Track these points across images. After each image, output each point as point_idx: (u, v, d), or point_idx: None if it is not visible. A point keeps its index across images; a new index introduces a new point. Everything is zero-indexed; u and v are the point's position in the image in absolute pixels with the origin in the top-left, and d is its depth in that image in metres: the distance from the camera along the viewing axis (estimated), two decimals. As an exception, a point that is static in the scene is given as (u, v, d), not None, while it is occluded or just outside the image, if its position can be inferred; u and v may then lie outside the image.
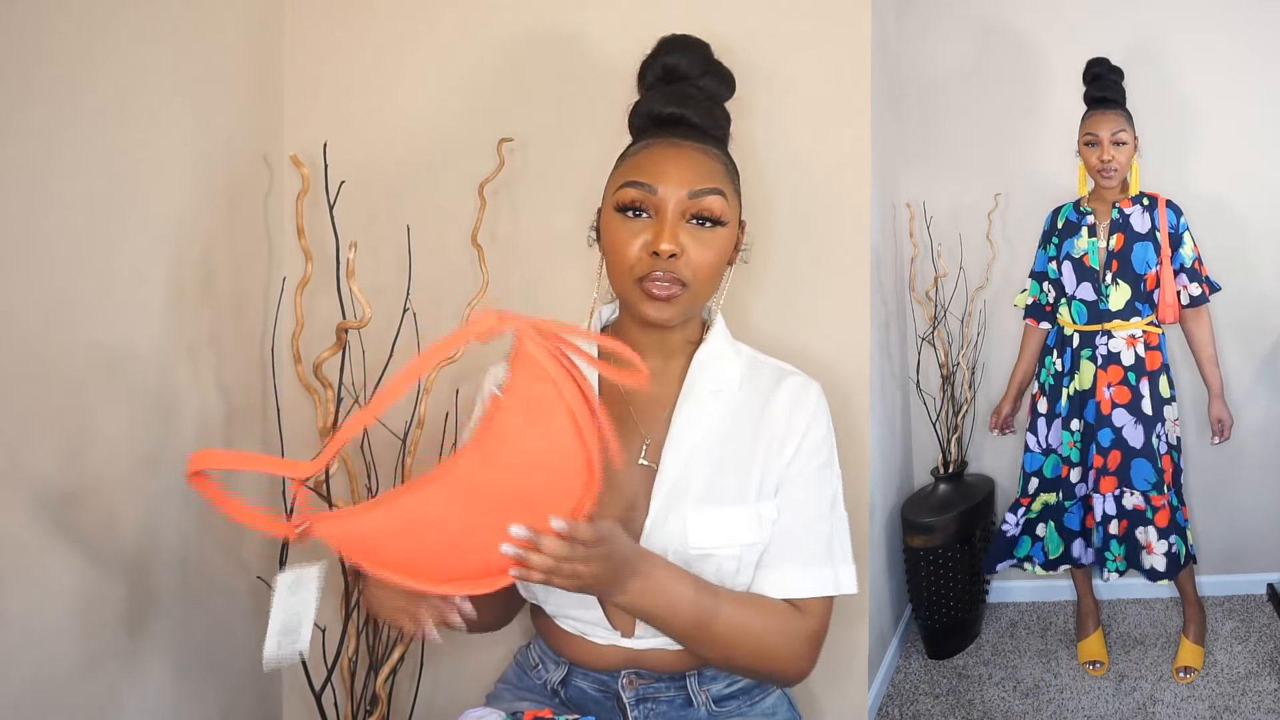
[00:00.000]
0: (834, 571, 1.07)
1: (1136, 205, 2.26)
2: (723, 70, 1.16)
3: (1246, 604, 2.79)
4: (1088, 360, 2.28)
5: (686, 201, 1.02)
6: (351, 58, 1.40)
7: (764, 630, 1.03)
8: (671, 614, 0.98)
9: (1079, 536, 2.34)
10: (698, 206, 1.02)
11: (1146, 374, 2.24)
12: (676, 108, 1.09)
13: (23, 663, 0.95)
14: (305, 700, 1.42)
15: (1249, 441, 2.76)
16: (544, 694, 1.15)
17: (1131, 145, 2.26)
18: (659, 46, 1.14)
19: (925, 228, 2.70)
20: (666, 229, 1.01)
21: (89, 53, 1.02)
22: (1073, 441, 2.31)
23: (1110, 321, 2.26)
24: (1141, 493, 2.24)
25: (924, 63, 2.72)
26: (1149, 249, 2.24)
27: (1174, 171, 2.45)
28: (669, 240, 1.00)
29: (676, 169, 1.03)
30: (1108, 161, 2.24)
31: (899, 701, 2.37)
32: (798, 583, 1.05)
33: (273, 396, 1.37)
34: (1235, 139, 2.67)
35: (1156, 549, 2.24)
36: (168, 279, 1.17)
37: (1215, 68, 2.59)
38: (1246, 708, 2.28)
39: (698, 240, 1.03)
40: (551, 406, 0.85)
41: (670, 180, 1.02)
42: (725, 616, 1.00)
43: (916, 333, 2.72)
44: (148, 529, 1.14)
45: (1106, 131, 2.25)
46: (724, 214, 1.04)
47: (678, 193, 1.02)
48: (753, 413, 1.09)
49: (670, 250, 1.00)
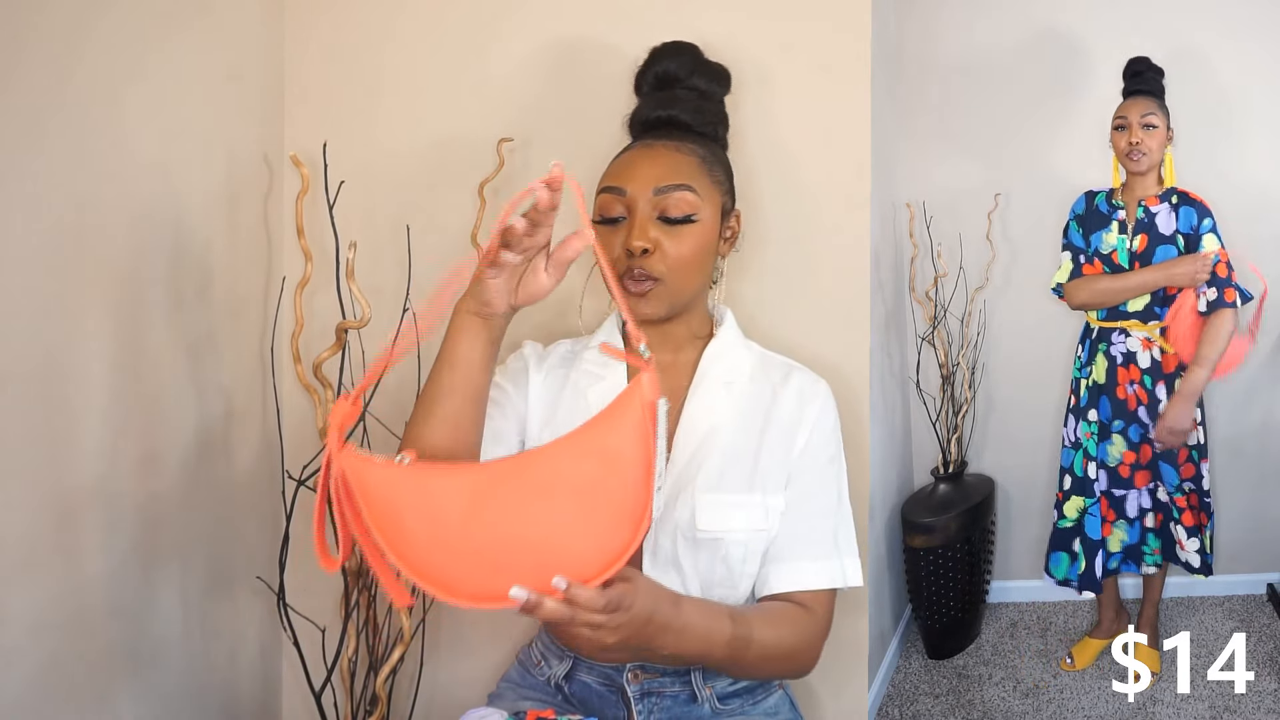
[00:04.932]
0: (841, 564, 1.09)
1: (1164, 204, 2.19)
2: (713, 68, 1.21)
3: (1246, 604, 2.79)
4: (1103, 355, 2.27)
5: (654, 199, 1.06)
6: (351, 58, 1.40)
7: (792, 643, 1.05)
8: (708, 652, 0.98)
9: (1100, 547, 2.31)
10: (663, 204, 1.06)
11: (1163, 377, 2.21)
12: (664, 110, 1.14)
13: (23, 662, 0.95)
14: (305, 700, 1.42)
15: (1249, 441, 2.76)
16: (547, 691, 1.15)
17: (1163, 132, 2.19)
18: (651, 56, 1.20)
19: (925, 228, 2.70)
20: (636, 227, 1.05)
21: (89, 53, 1.02)
22: (1089, 433, 2.30)
23: (1128, 320, 2.24)
24: (1167, 491, 2.25)
25: (925, 62, 2.72)
26: (1171, 252, 2.18)
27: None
28: (639, 237, 1.04)
29: (643, 168, 1.07)
30: (1136, 144, 2.18)
31: (899, 701, 2.37)
32: (808, 576, 1.07)
33: (273, 396, 1.37)
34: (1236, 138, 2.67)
35: (1188, 546, 2.25)
36: (168, 279, 1.17)
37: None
38: (1246, 708, 2.28)
39: (670, 235, 1.06)
40: (634, 458, 0.84)
41: (637, 180, 1.06)
42: (758, 640, 1.01)
43: (916, 333, 2.72)
44: (148, 529, 1.14)
45: (1136, 114, 2.20)
46: (693, 209, 1.06)
47: (645, 191, 1.06)
48: (762, 405, 1.11)
49: (641, 246, 1.04)
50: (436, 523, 0.84)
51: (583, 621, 0.83)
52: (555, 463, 0.85)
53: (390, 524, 0.84)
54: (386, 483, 0.84)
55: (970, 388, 2.74)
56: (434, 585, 0.84)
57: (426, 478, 0.85)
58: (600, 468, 0.84)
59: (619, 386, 1.11)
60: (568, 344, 1.19)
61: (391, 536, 0.84)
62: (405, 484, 0.84)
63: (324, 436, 1.26)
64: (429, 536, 0.84)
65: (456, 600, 0.84)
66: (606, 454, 0.84)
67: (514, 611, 0.83)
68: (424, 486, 0.84)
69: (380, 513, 0.84)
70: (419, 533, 0.84)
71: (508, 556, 0.84)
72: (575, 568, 0.84)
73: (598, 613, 0.83)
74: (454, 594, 0.84)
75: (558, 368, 1.15)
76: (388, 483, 0.84)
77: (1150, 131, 2.19)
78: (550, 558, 0.84)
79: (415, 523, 0.84)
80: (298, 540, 1.31)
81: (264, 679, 1.42)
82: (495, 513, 0.83)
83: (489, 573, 0.85)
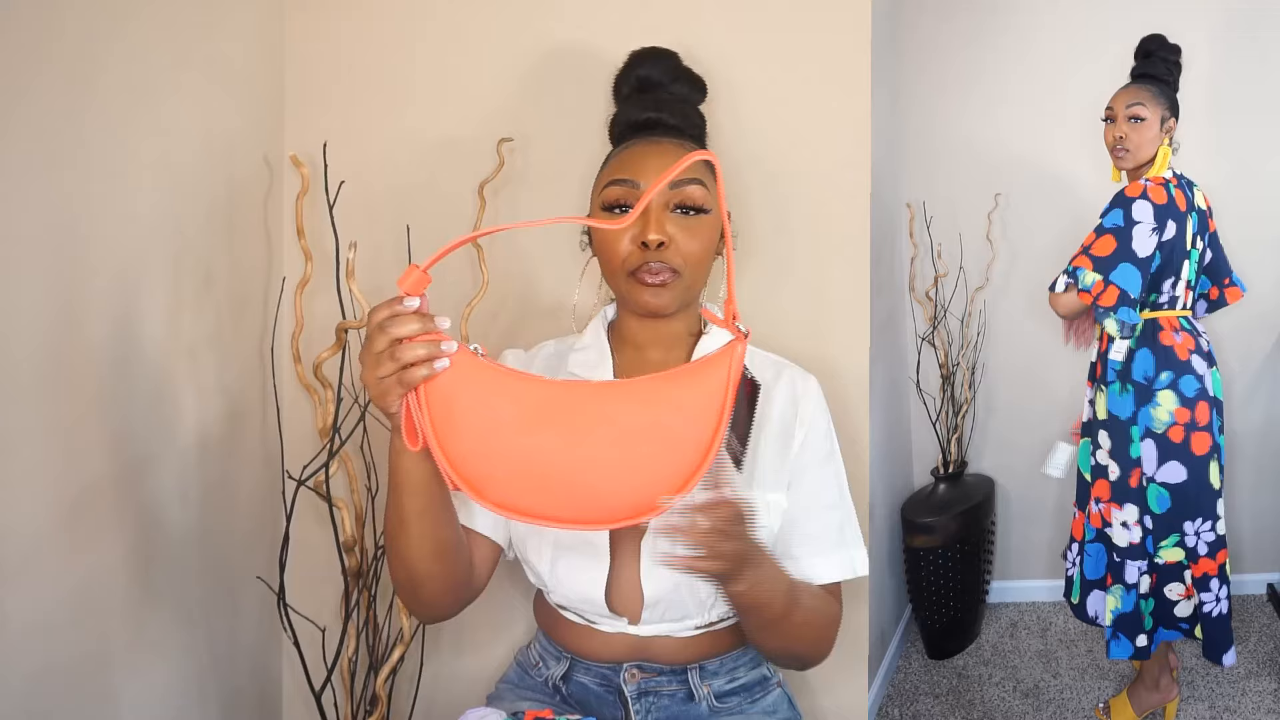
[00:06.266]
0: (850, 555, 1.10)
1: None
2: (692, 76, 1.21)
3: (1246, 604, 2.79)
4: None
5: (669, 192, 1.05)
6: (352, 58, 1.40)
7: (823, 619, 1.06)
8: (770, 602, 0.98)
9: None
10: (680, 196, 1.05)
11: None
12: (652, 113, 1.14)
13: (23, 662, 0.95)
14: (305, 700, 1.42)
15: (1249, 442, 2.76)
16: (545, 692, 1.15)
17: (1153, 125, 2.04)
18: (630, 60, 1.20)
19: (925, 228, 2.70)
20: (653, 220, 1.04)
21: (88, 53, 1.02)
22: None
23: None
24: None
25: (925, 62, 2.73)
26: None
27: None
28: (656, 230, 1.03)
29: (657, 162, 1.06)
30: (1120, 139, 2.06)
31: (899, 701, 2.37)
32: (826, 569, 1.09)
33: (273, 396, 1.37)
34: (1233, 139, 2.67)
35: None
36: (168, 279, 1.17)
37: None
38: (1246, 708, 2.28)
39: (683, 229, 1.05)
40: (701, 419, 0.85)
41: (651, 173, 1.05)
42: (803, 604, 1.02)
43: (916, 333, 2.72)
44: (148, 529, 1.14)
45: (1121, 105, 2.06)
46: (705, 202, 1.06)
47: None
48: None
49: (659, 239, 1.03)
50: (487, 423, 0.85)
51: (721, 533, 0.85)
52: (621, 403, 0.85)
53: (442, 407, 0.85)
54: (453, 367, 0.85)
55: (970, 388, 2.74)
56: (465, 480, 0.86)
57: (492, 377, 0.86)
58: (666, 418, 0.85)
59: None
60: (552, 345, 1.19)
61: (440, 420, 0.85)
62: (469, 375, 0.85)
63: (324, 436, 1.26)
64: (476, 433, 0.85)
65: (482, 500, 0.86)
66: (677, 407, 0.85)
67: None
68: (486, 384, 0.85)
69: (436, 393, 0.85)
70: (468, 426, 0.85)
71: (545, 477, 0.85)
72: (613, 504, 0.85)
73: (730, 518, 0.85)
74: (481, 494, 0.86)
75: (543, 374, 1.15)
76: (454, 367, 0.85)
77: (1136, 125, 2.04)
78: (585, 492, 0.85)
79: (466, 415, 0.85)
80: (298, 540, 1.31)
81: (264, 679, 1.42)
82: (547, 433, 0.85)
83: (522, 487, 0.86)
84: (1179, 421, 2.02)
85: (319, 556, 1.38)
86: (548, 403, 0.85)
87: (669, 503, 0.83)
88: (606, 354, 1.13)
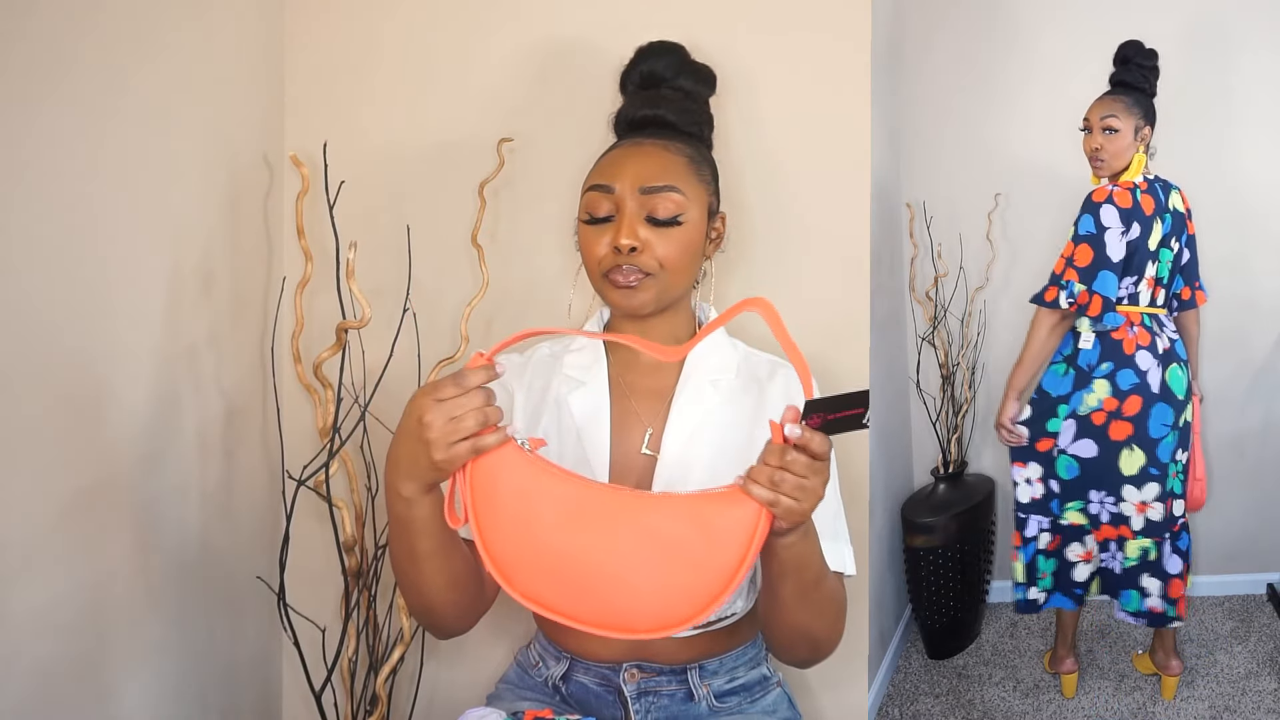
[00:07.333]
0: (841, 550, 1.10)
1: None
2: (700, 69, 1.21)
3: (1246, 604, 2.79)
4: None
5: (641, 198, 1.06)
6: (351, 58, 1.40)
7: (841, 595, 1.06)
8: (811, 562, 0.97)
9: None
10: (650, 204, 1.06)
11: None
12: (651, 109, 1.14)
13: (24, 662, 0.95)
14: (305, 700, 1.42)
15: (1248, 442, 2.76)
16: (545, 693, 1.15)
17: (1127, 135, 2.10)
18: (636, 55, 1.20)
19: (925, 228, 2.70)
20: (625, 225, 1.05)
21: (88, 53, 1.02)
22: None
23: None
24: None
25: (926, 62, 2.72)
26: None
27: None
28: (627, 235, 1.04)
29: (632, 167, 1.07)
30: (1096, 150, 2.13)
31: (899, 701, 2.37)
32: (827, 556, 1.07)
33: (273, 396, 1.37)
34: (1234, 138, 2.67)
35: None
36: (168, 279, 1.17)
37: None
38: (1246, 708, 2.28)
39: (657, 235, 1.06)
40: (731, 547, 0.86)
41: (625, 178, 1.06)
42: (829, 580, 1.02)
43: (916, 333, 2.72)
44: (148, 529, 1.14)
45: (1096, 116, 2.14)
46: (679, 210, 1.06)
47: (632, 190, 1.06)
48: (750, 400, 1.11)
49: (629, 244, 1.04)
50: (525, 515, 0.88)
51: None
52: (658, 514, 0.88)
53: (485, 491, 0.88)
54: (499, 456, 0.88)
55: (970, 388, 2.74)
56: (496, 564, 0.89)
57: (536, 472, 0.89)
58: (696, 539, 0.86)
59: (600, 391, 1.11)
60: (547, 346, 1.19)
61: (481, 502, 0.88)
62: (514, 465, 0.88)
63: (324, 436, 1.26)
64: (513, 523, 0.88)
65: (509, 587, 0.89)
66: (708, 530, 0.87)
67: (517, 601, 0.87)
68: (529, 478, 0.88)
69: (480, 476, 0.88)
70: (507, 514, 0.88)
71: (576, 576, 0.87)
72: (634, 616, 0.87)
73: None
74: (510, 580, 0.89)
75: (537, 378, 1.15)
76: (500, 457, 0.88)
77: (1110, 136, 2.11)
78: (615, 596, 0.87)
79: (506, 503, 0.88)
80: (298, 540, 1.31)
81: (264, 679, 1.42)
82: (583, 533, 0.87)
83: (551, 582, 0.88)
84: (1105, 409, 2.12)
85: (319, 556, 1.38)
86: (587, 504, 0.88)
87: (790, 430, 0.85)
88: (601, 355, 1.13)
